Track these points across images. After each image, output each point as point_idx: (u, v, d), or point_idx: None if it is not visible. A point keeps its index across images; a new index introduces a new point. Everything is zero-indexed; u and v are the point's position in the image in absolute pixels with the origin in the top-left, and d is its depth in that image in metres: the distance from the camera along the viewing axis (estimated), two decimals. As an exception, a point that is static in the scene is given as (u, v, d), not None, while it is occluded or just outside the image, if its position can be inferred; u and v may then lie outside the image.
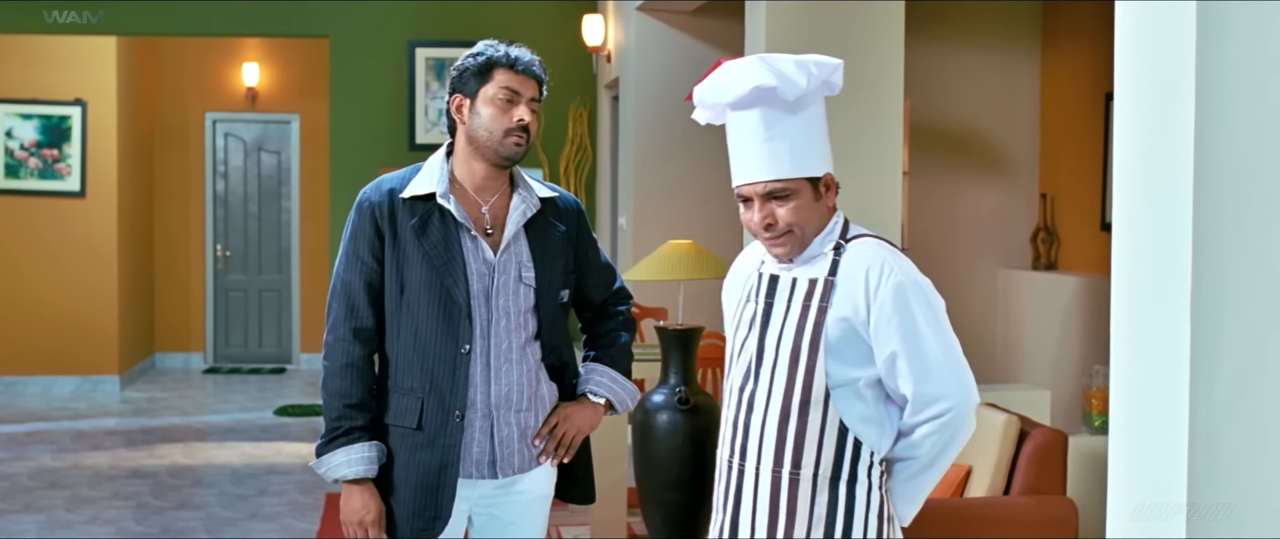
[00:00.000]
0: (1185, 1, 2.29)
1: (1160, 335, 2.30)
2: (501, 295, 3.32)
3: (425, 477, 3.30)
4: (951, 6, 7.72)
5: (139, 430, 9.82)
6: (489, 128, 3.28)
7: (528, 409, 3.39)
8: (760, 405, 2.87)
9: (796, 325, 2.83)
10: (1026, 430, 4.60)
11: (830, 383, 2.81)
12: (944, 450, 2.86)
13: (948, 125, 7.79)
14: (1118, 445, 2.40)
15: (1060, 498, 4.52)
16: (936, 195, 7.79)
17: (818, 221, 2.88)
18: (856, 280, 2.80)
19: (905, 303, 2.79)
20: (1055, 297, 7.38)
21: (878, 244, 2.88)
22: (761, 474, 2.86)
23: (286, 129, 13.08)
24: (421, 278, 3.28)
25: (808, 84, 2.82)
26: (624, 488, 6.55)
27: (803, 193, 2.85)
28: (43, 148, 11.44)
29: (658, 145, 8.65)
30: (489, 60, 3.29)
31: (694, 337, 5.58)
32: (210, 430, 9.89)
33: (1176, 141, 2.30)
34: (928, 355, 2.80)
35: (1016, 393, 5.77)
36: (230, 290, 13.12)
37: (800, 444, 2.83)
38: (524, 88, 3.30)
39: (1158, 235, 2.34)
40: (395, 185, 3.34)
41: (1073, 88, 7.63)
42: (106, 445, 9.23)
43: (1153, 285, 2.34)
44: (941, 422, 2.82)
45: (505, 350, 3.33)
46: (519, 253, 3.36)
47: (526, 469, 3.41)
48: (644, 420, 5.53)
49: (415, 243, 3.28)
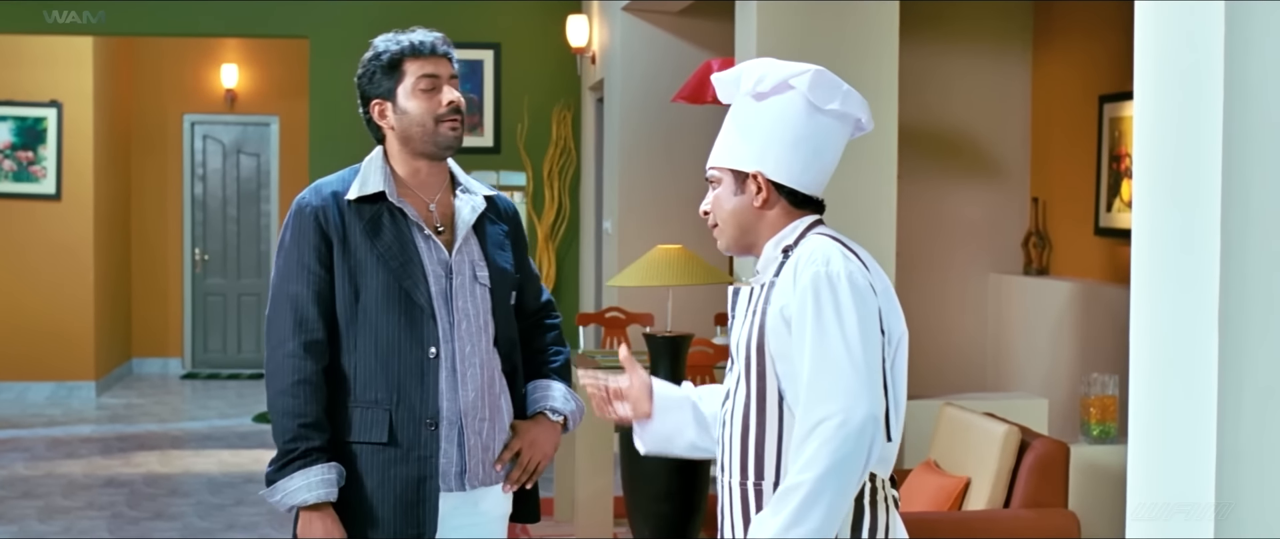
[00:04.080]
0: (1213, 1, 2.19)
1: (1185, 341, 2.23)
2: (460, 297, 3.16)
3: (404, 493, 3.11)
4: (940, 7, 7.62)
5: (115, 438, 9.67)
6: (421, 121, 3.15)
7: (489, 419, 3.21)
8: (730, 419, 2.80)
9: (746, 333, 2.76)
10: (1027, 441, 4.49)
11: (782, 387, 2.70)
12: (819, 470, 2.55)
13: (937, 128, 7.69)
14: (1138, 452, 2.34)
15: (1062, 511, 4.41)
16: (926, 199, 7.69)
17: (740, 220, 2.80)
18: (788, 275, 2.71)
19: (815, 295, 2.63)
20: (1047, 302, 7.28)
21: (822, 240, 2.75)
22: (732, 487, 2.79)
23: (266, 131, 12.94)
24: (378, 283, 3.10)
25: (753, 84, 2.80)
26: (610, 498, 6.44)
27: (725, 183, 2.82)
28: (18, 150, 11.29)
29: (643, 148, 8.54)
30: (394, 56, 3.16)
31: (683, 344, 5.47)
32: (188, 437, 9.75)
33: (1203, 143, 2.21)
34: (821, 353, 2.60)
35: (1014, 402, 5.67)
36: (209, 295, 12.98)
37: (760, 455, 2.73)
38: (440, 69, 3.18)
39: (1183, 239, 2.27)
40: (337, 187, 3.17)
41: (1065, 90, 7.53)
42: (81, 453, 9.08)
43: (1177, 291, 2.28)
44: (822, 431, 2.56)
45: (469, 355, 3.17)
46: (471, 252, 3.21)
47: (491, 482, 3.24)
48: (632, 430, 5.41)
49: (368, 246, 3.11)
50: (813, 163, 2.81)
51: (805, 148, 2.79)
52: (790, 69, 2.81)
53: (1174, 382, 2.27)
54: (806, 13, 5.33)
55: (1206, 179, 2.20)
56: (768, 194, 2.79)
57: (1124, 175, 6.93)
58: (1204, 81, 2.22)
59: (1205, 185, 2.20)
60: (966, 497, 4.54)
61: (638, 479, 5.42)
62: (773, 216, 2.80)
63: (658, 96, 8.46)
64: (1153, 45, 2.40)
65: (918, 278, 7.57)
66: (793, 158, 2.79)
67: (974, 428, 4.62)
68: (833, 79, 2.80)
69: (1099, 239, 7.15)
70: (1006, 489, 4.45)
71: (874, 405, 2.59)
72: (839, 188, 5.48)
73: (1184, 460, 2.23)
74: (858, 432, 2.57)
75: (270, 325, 3.16)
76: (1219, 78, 2.19)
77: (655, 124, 8.54)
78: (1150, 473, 2.32)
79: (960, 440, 4.70)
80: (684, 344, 5.47)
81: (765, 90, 2.80)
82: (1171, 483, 2.27)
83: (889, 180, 5.44)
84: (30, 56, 11.19)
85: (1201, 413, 2.18)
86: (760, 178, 2.78)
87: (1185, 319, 2.24)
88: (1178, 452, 2.25)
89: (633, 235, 8.47)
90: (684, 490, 5.27)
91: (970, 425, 4.66)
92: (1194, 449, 2.20)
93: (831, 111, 2.80)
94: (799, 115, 2.79)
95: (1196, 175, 2.23)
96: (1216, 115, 2.19)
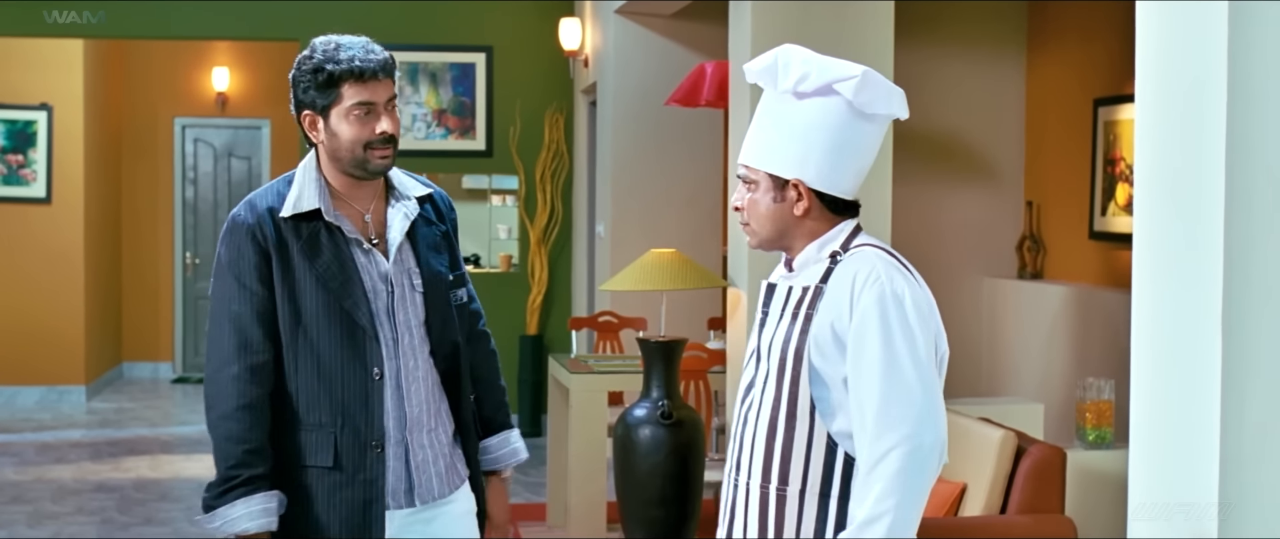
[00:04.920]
0: (1216, 1, 2.17)
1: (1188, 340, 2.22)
2: (400, 310, 3.09)
3: (351, 517, 3.03)
4: (934, 10, 7.60)
5: (105, 442, 9.62)
6: (349, 147, 3.01)
7: (434, 427, 3.16)
8: (752, 418, 2.77)
9: (784, 335, 2.72)
10: (1023, 447, 4.46)
11: (815, 394, 2.68)
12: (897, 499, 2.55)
13: (930, 131, 7.66)
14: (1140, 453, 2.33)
15: (1058, 517, 4.38)
16: (919, 203, 7.66)
17: (776, 224, 2.77)
18: (843, 287, 2.67)
19: (882, 317, 2.62)
20: (1042, 306, 7.25)
21: (876, 253, 2.73)
22: (752, 490, 2.76)
23: (257, 134, 12.90)
24: (318, 303, 3.01)
25: (795, 82, 2.72)
26: (603, 503, 6.41)
27: (762, 186, 2.77)
28: (8, 153, 11.24)
29: (637, 151, 8.51)
30: (330, 75, 2.98)
31: (677, 349, 5.44)
32: (178, 442, 9.70)
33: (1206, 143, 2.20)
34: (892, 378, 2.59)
35: (1009, 406, 5.64)
36: (199, 299, 12.92)
37: (787, 458, 2.71)
38: (378, 94, 3.01)
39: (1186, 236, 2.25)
40: (272, 203, 3.05)
41: (1059, 93, 7.51)
42: (71, 458, 9.03)
43: (1181, 291, 2.27)
44: (895, 459, 2.56)
45: (412, 368, 3.10)
46: (406, 260, 3.12)
47: (446, 494, 3.17)
48: (625, 435, 5.39)
49: (307, 266, 3.01)
50: (852, 167, 2.77)
51: (846, 153, 2.75)
52: (836, 71, 2.73)
53: (1177, 381, 2.25)
54: (801, 16, 5.31)
55: (1209, 176, 2.18)
56: (809, 202, 2.75)
57: (1119, 179, 6.91)
58: (1207, 82, 2.20)
59: (1208, 182, 2.19)
60: (962, 502, 4.51)
61: (631, 484, 5.39)
62: (811, 221, 2.77)
63: (651, 100, 8.42)
64: (1154, 46, 2.38)
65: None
66: (834, 164, 2.74)
67: (970, 433, 4.59)
68: (878, 81, 2.74)
69: (1093, 243, 7.13)
70: (1003, 495, 4.42)
71: (941, 430, 2.60)
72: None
73: (1187, 460, 2.21)
74: (927, 456, 2.58)
75: (211, 346, 3.05)
76: (1223, 78, 2.16)
77: (649, 127, 8.51)
78: (1152, 473, 2.30)
79: (956, 445, 4.66)
80: (677, 349, 5.44)
81: (808, 90, 2.73)
82: (1174, 483, 2.25)
83: (884, 184, 5.41)
84: (20, 59, 11.13)
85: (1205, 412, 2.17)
86: (802, 186, 2.74)
87: (1188, 318, 2.22)
88: (1181, 452, 2.23)
89: (626, 239, 8.43)
90: (677, 496, 5.24)
91: (966, 430, 4.63)
92: (1197, 449, 2.19)
93: (875, 115, 2.76)
94: (842, 120, 2.74)
95: (1199, 174, 2.21)
96: (1220, 115, 2.16)
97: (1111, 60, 7.01)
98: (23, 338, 11.31)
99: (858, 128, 2.74)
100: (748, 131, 2.82)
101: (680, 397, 5.48)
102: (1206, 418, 2.17)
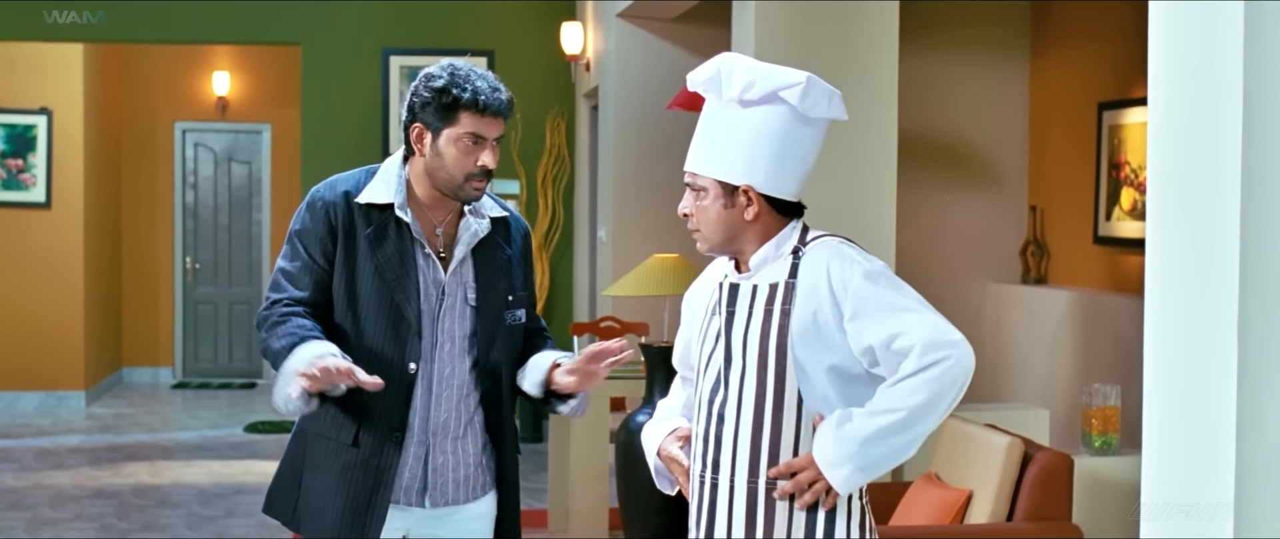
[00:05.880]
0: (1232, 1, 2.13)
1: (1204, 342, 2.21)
2: (448, 318, 3.19)
3: (356, 498, 3.14)
4: (936, 13, 7.56)
5: (104, 448, 9.58)
6: (450, 171, 3.14)
7: (462, 436, 3.24)
8: (731, 416, 2.80)
9: (761, 331, 2.78)
10: (1029, 454, 4.42)
11: (801, 387, 2.75)
12: (937, 400, 2.68)
13: (933, 135, 7.62)
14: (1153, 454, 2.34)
15: (1065, 524, 4.35)
16: (922, 207, 7.62)
17: (727, 229, 2.84)
18: (819, 280, 2.77)
19: (881, 287, 2.75)
20: (1046, 312, 7.22)
21: (835, 241, 2.85)
22: (736, 486, 2.78)
23: (257, 139, 12.86)
24: (372, 290, 3.14)
25: (741, 91, 2.80)
26: (605, 508, 6.37)
27: (711, 193, 2.84)
28: (7, 158, 11.20)
29: (639, 156, 8.48)
30: (456, 100, 3.11)
31: (680, 354, 5.40)
32: (178, 448, 9.66)
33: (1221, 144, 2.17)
34: (922, 322, 2.73)
35: (1015, 413, 5.60)
36: (200, 303, 12.89)
37: (775, 453, 2.76)
38: (489, 130, 3.15)
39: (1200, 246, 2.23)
40: (350, 188, 3.19)
41: (1064, 97, 7.47)
42: (70, 464, 8.99)
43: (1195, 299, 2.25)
44: (945, 366, 2.68)
45: (448, 375, 3.20)
46: (465, 275, 3.22)
47: (461, 502, 3.25)
48: (628, 440, 5.35)
49: (369, 253, 3.14)
50: (797, 170, 2.85)
51: (791, 157, 2.83)
52: (780, 79, 2.81)
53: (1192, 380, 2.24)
54: (804, 19, 5.27)
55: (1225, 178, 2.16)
56: (758, 206, 2.82)
57: (1123, 183, 6.88)
58: (1222, 83, 2.17)
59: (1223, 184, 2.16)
60: (968, 510, 4.47)
61: (633, 491, 5.35)
62: (761, 223, 2.84)
63: (653, 104, 8.39)
64: (1168, 47, 2.34)
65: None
66: (781, 169, 2.83)
67: (975, 440, 4.56)
68: (821, 87, 2.83)
69: (1098, 248, 7.09)
70: (1009, 502, 4.38)
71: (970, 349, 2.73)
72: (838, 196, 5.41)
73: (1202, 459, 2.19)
74: (968, 371, 2.70)
75: (265, 299, 3.20)
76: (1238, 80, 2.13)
77: (650, 132, 8.47)
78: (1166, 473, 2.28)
79: (962, 452, 4.63)
80: (680, 354, 5.40)
81: (753, 98, 2.80)
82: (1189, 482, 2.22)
83: (888, 189, 5.37)
84: (20, 63, 11.10)
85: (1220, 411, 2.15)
86: (752, 192, 2.81)
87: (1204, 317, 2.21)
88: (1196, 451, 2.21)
89: (628, 244, 8.40)
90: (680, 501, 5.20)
91: (972, 437, 4.59)
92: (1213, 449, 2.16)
93: (817, 119, 2.81)
94: (787, 126, 2.82)
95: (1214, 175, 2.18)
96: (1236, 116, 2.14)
97: (1116, 64, 6.97)
98: (22, 343, 11.27)
99: (801, 132, 2.82)
100: (693, 140, 2.89)
101: (683, 402, 5.44)
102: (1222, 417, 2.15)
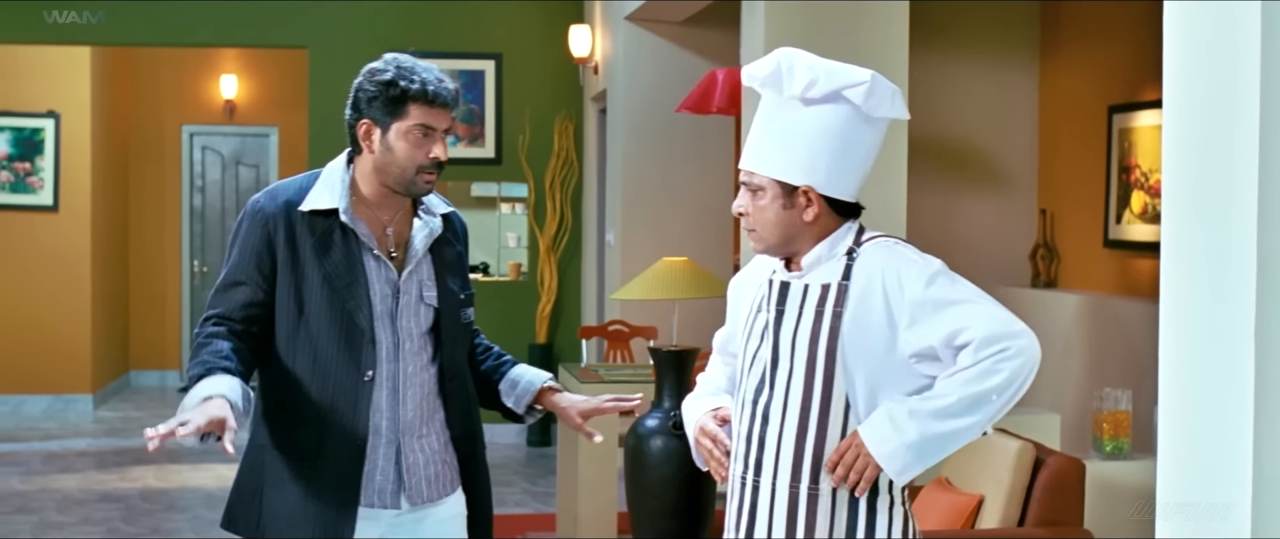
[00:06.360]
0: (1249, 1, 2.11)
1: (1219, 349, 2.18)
2: (404, 317, 3.15)
3: (324, 510, 3.09)
4: (946, 15, 7.54)
5: (111, 452, 9.57)
6: (401, 165, 3.07)
7: (428, 434, 3.20)
8: (776, 417, 2.75)
9: (810, 332, 2.72)
10: (1041, 458, 4.39)
11: (849, 391, 2.70)
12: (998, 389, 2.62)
13: (943, 138, 7.60)
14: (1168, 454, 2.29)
15: (1077, 528, 4.32)
16: (932, 210, 7.59)
17: (785, 230, 2.77)
18: (873, 282, 2.70)
19: (943, 287, 2.69)
20: (1056, 315, 7.19)
21: (890, 241, 2.79)
22: (778, 489, 2.74)
23: (265, 142, 12.86)
24: (321, 300, 3.07)
25: (804, 88, 2.72)
26: (614, 512, 6.35)
27: (770, 193, 2.76)
28: (15, 161, 11.20)
29: (647, 159, 8.45)
30: (403, 92, 3.04)
31: (689, 358, 5.38)
32: (184, 452, 9.63)
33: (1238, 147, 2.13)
34: (983, 314, 2.66)
35: (1025, 416, 5.56)
36: (207, 307, 12.87)
37: (819, 457, 2.71)
38: (439, 121, 3.08)
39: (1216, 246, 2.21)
40: (292, 196, 3.11)
41: (1073, 100, 7.45)
42: (77, 467, 8.97)
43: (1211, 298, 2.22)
44: (1004, 356, 2.62)
45: (411, 374, 3.16)
46: (422, 273, 3.18)
47: (436, 498, 3.22)
48: (636, 445, 5.33)
49: (315, 263, 3.07)
50: (858, 170, 2.78)
51: (852, 157, 2.76)
52: (843, 77, 2.73)
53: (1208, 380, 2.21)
54: (814, 21, 5.25)
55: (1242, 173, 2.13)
56: (818, 207, 2.74)
57: (1134, 186, 6.85)
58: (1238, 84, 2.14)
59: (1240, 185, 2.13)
60: (979, 515, 4.44)
61: (642, 494, 5.33)
62: (819, 224, 2.77)
63: (661, 107, 8.37)
64: (1183, 49, 2.31)
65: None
66: (842, 169, 2.76)
67: (987, 444, 4.53)
68: (885, 85, 2.75)
69: (1108, 251, 7.07)
70: (1021, 507, 4.36)
71: None
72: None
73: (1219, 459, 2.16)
74: (1032, 361, 2.64)
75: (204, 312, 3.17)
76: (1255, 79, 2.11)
77: (659, 135, 8.45)
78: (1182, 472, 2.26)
79: (972, 457, 4.60)
80: (690, 358, 5.37)
81: (816, 96, 2.72)
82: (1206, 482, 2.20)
83: (899, 191, 5.36)
84: (27, 66, 11.09)
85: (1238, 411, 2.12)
86: (812, 193, 2.73)
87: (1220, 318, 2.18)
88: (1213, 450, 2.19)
89: (636, 248, 8.37)
90: (690, 506, 5.17)
91: (982, 442, 4.56)
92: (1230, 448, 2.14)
93: (880, 119, 2.75)
94: (849, 125, 2.75)
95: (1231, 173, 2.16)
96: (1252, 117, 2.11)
97: (1126, 66, 6.94)
98: (29, 346, 11.26)
99: (863, 132, 2.75)
100: (749, 137, 2.81)
101: (692, 406, 5.41)
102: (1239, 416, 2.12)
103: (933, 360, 2.70)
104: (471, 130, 9.86)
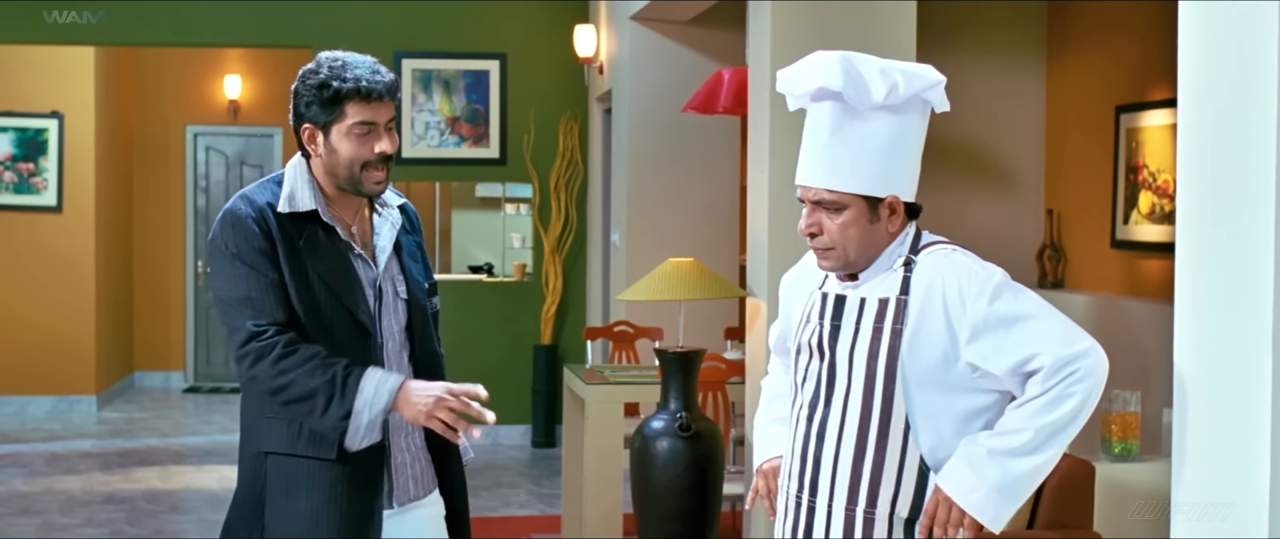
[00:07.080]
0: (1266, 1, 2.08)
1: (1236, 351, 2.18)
2: (385, 315, 3.14)
3: (350, 512, 3.04)
4: (953, 15, 7.51)
5: (115, 453, 9.55)
6: (348, 164, 3.04)
7: (412, 431, 3.18)
8: (832, 437, 2.66)
9: (868, 350, 2.62)
10: (1050, 460, 4.36)
11: (909, 412, 2.59)
12: (1073, 415, 2.55)
13: (949, 138, 7.57)
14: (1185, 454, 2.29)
15: (1086, 531, 4.29)
16: (938, 210, 7.56)
17: (868, 244, 2.65)
18: (933, 297, 2.59)
19: (1007, 302, 2.58)
20: (1063, 316, 7.15)
21: (948, 249, 2.67)
22: (834, 512, 2.65)
23: (269, 143, 12.84)
24: (323, 300, 3.03)
25: (885, 96, 2.58)
26: (619, 515, 6.32)
27: (854, 210, 2.63)
28: (18, 161, 11.18)
29: (652, 159, 8.43)
30: (337, 93, 2.99)
31: (696, 359, 5.35)
32: (189, 453, 9.63)
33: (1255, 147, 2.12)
34: (1048, 335, 2.56)
35: (1033, 418, 5.53)
36: (211, 308, 12.85)
37: (877, 480, 2.62)
38: (379, 115, 3.03)
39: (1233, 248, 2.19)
40: (269, 200, 3.06)
41: (1080, 100, 7.42)
42: (81, 468, 8.95)
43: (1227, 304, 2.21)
44: (1074, 379, 2.54)
45: (395, 371, 3.14)
46: (392, 269, 3.17)
47: (420, 496, 3.21)
48: (643, 447, 5.30)
49: (311, 264, 3.03)
50: (918, 168, 2.70)
51: (917, 155, 2.69)
52: (920, 78, 2.63)
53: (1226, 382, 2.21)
54: (821, 23, 5.22)
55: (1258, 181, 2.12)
56: (900, 215, 2.66)
57: (1141, 187, 6.81)
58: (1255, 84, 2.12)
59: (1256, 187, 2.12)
60: (988, 517, 4.41)
61: (649, 497, 5.30)
62: (893, 232, 2.68)
63: (667, 107, 8.35)
64: (1198, 49, 2.29)
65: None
66: (913, 171, 2.68)
67: (996, 446, 4.50)
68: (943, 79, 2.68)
69: (1116, 252, 7.03)
70: (1030, 509, 4.33)
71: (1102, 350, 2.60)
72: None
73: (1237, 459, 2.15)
74: (1101, 377, 2.57)
75: (231, 335, 3.03)
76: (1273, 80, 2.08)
77: (664, 135, 8.43)
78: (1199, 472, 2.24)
79: (981, 459, 4.57)
80: (696, 359, 5.35)
81: (899, 102, 2.62)
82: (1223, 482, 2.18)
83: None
84: (31, 67, 11.08)
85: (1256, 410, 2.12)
86: (897, 203, 2.64)
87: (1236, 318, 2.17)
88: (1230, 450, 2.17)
89: (641, 248, 8.35)
90: (696, 508, 5.15)
91: (991, 443, 4.54)
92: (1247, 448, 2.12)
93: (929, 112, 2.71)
94: (919, 125, 2.67)
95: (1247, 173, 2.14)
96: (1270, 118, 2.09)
97: (1134, 66, 6.91)
98: (33, 347, 11.25)
99: (921, 126, 2.68)
100: (813, 151, 2.64)
101: (698, 408, 5.39)
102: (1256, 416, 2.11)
103: (997, 382, 2.62)
104: (476, 130, 9.83)
